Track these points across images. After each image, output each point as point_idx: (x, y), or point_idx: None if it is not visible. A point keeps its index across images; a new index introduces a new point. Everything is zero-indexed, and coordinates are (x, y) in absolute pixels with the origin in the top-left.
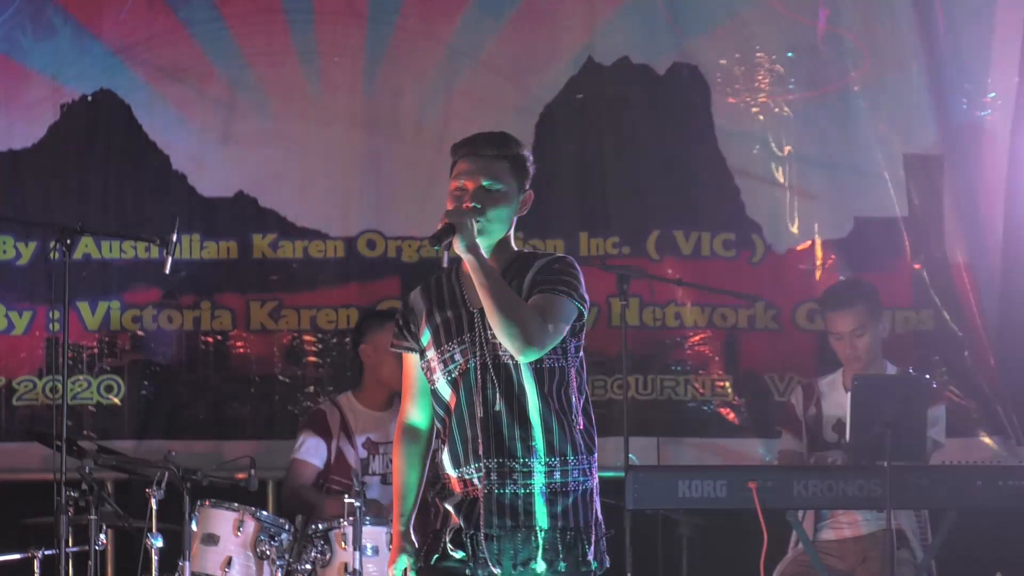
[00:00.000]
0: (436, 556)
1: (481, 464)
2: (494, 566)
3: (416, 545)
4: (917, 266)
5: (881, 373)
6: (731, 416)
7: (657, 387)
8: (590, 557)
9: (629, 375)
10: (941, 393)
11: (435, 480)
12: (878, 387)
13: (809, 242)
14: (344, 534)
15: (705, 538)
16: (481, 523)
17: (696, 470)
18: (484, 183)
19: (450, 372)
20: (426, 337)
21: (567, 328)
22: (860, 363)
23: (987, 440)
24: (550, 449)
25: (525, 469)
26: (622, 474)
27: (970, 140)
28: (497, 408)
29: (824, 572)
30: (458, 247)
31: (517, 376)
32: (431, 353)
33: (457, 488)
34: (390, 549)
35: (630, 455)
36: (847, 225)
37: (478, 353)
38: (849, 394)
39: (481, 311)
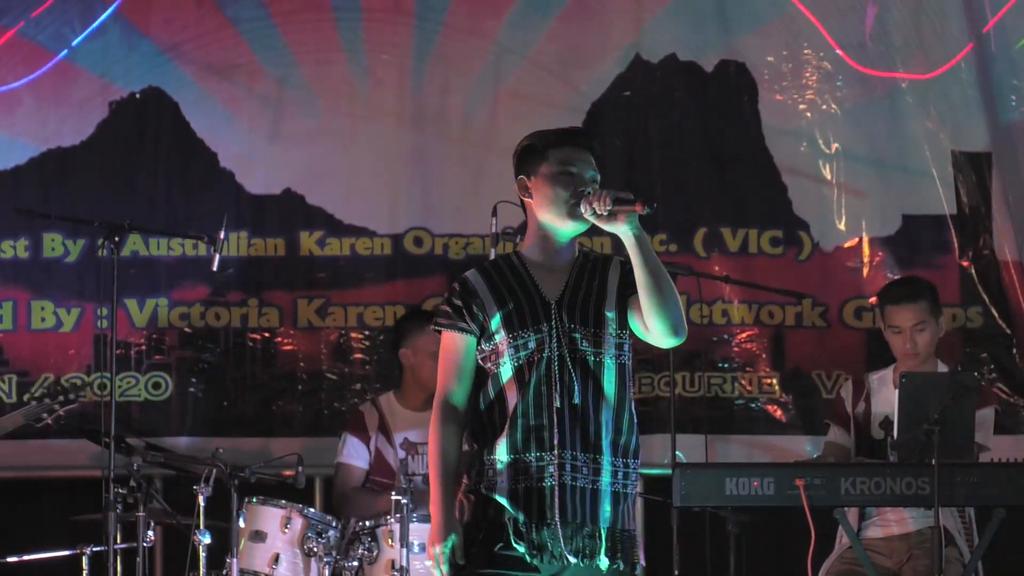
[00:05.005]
0: (500, 544)
1: (552, 455)
2: (559, 559)
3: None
4: (965, 264)
5: (933, 371)
6: (778, 413)
7: (704, 384)
8: (636, 560)
9: (676, 372)
10: (990, 396)
11: (477, 468)
12: (926, 385)
13: (857, 239)
14: (391, 531)
15: (752, 536)
16: (547, 514)
17: (743, 468)
18: (597, 176)
19: (520, 358)
20: (496, 321)
21: None
22: (916, 359)
23: None
24: (624, 450)
25: (595, 465)
26: (669, 471)
27: (1019, 137)
28: (577, 401)
29: (873, 571)
30: (634, 225)
31: (600, 372)
32: (500, 337)
33: (508, 475)
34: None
35: (677, 452)
36: (895, 222)
37: (555, 345)
38: (897, 391)
39: (558, 302)
